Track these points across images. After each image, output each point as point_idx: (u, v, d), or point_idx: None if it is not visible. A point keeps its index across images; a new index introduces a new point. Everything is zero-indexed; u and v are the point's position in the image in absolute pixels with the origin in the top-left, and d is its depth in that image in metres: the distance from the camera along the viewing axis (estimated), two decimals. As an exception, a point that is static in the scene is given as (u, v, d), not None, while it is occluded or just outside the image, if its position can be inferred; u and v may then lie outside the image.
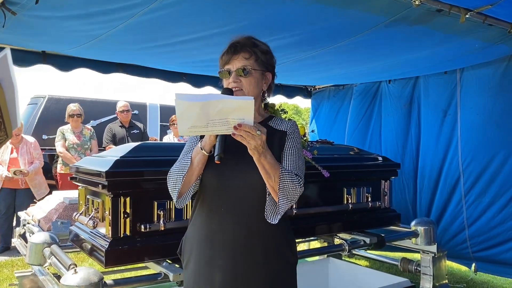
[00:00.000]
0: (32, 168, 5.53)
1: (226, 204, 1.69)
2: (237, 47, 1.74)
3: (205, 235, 1.72)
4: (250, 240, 1.69)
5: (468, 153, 4.28)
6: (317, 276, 3.80)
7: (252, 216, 1.69)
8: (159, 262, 2.43)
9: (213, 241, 1.69)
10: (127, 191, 2.37)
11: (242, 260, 1.67)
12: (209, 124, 1.48)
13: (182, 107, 1.45)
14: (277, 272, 1.73)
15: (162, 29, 3.15)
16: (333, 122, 5.88)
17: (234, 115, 1.47)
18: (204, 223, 1.73)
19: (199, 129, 1.50)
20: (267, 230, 1.69)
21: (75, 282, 2.03)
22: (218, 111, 1.46)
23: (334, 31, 3.21)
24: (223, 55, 1.76)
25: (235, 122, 1.48)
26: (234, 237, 1.68)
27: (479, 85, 4.23)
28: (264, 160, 1.57)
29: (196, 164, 1.67)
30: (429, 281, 3.42)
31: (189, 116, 1.47)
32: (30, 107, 7.46)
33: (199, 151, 1.65)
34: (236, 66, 1.72)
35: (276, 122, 1.83)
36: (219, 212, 1.70)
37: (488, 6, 2.71)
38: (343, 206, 3.31)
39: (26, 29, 3.16)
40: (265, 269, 1.70)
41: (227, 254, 1.67)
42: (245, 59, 1.73)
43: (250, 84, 1.72)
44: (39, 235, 2.67)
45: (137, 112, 7.83)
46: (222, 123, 1.48)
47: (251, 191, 1.69)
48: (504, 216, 4.05)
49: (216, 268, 1.67)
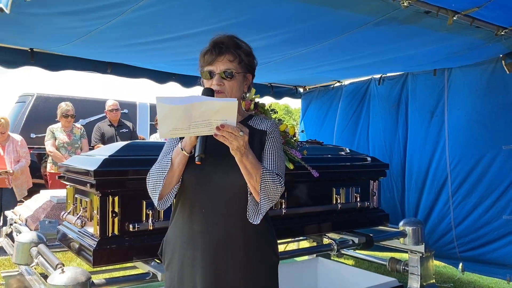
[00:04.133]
0: (18, 167, 5.46)
1: (207, 204, 1.69)
2: (221, 48, 1.70)
3: (187, 236, 1.70)
4: (231, 240, 1.68)
5: (456, 153, 4.32)
6: (306, 276, 3.82)
7: (233, 217, 1.69)
8: (148, 261, 2.42)
9: (195, 242, 1.68)
10: (115, 190, 2.37)
11: (224, 261, 1.67)
12: (191, 126, 1.48)
13: (165, 110, 1.44)
14: (258, 272, 1.73)
15: (152, 27, 3.15)
16: (322, 122, 5.90)
17: (217, 117, 1.47)
18: (185, 224, 1.72)
19: (181, 131, 1.50)
20: (248, 230, 1.69)
21: (62, 281, 2.02)
22: (201, 112, 1.45)
23: (323, 29, 3.24)
24: (206, 54, 1.73)
25: (218, 123, 1.48)
26: (215, 238, 1.67)
27: (467, 86, 4.27)
28: (246, 160, 1.57)
29: (177, 165, 1.65)
30: (417, 280, 3.45)
31: (171, 119, 1.46)
32: (18, 105, 7.38)
33: (179, 151, 1.64)
34: (220, 68, 1.70)
35: (256, 122, 1.82)
36: (200, 213, 1.69)
37: (475, 8, 2.75)
38: (332, 206, 3.33)
39: (14, 26, 3.14)
40: (246, 269, 1.70)
41: (209, 254, 1.67)
42: (229, 61, 1.71)
43: (233, 87, 1.72)
44: (26, 235, 2.65)
45: (127, 111, 7.79)
46: (204, 125, 1.48)
47: (232, 191, 1.68)
48: (491, 216, 4.09)
49: (198, 269, 1.67)
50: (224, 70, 1.69)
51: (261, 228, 1.72)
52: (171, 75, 4.97)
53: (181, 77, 5.03)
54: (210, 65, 1.71)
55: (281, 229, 2.88)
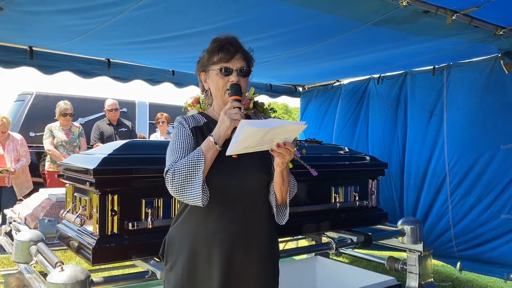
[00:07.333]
0: (19, 166, 5.47)
1: (226, 203, 1.68)
2: (236, 47, 1.75)
3: (201, 235, 1.69)
4: (247, 239, 1.71)
5: (454, 153, 4.33)
6: (305, 275, 3.83)
7: (249, 216, 1.72)
8: (147, 260, 2.42)
9: (210, 240, 1.68)
10: (114, 189, 2.36)
11: (240, 257, 1.69)
12: (259, 144, 1.53)
13: (249, 132, 1.47)
14: (269, 267, 1.78)
15: (151, 25, 3.15)
16: (321, 121, 5.91)
17: (283, 136, 1.54)
18: (199, 223, 1.70)
19: (248, 149, 1.55)
20: (263, 227, 1.76)
21: (61, 280, 2.02)
22: (275, 133, 1.51)
23: (323, 29, 3.25)
24: (220, 51, 1.74)
25: (280, 141, 1.55)
26: (232, 235, 1.68)
27: (466, 85, 4.28)
28: (285, 169, 1.67)
29: (210, 160, 1.62)
30: (415, 279, 3.46)
31: (250, 140, 1.50)
32: (17, 104, 7.37)
33: (212, 146, 1.62)
34: (236, 66, 1.73)
35: None
36: (218, 211, 1.68)
37: (474, 8, 2.76)
38: (331, 205, 3.33)
39: (13, 24, 3.14)
40: (260, 265, 1.74)
41: (226, 251, 1.67)
42: (242, 60, 1.76)
43: (246, 84, 1.78)
44: (25, 233, 2.65)
45: (126, 110, 7.79)
46: (269, 142, 1.55)
47: (251, 189, 1.72)
48: (489, 215, 4.10)
49: (215, 266, 1.66)
50: (240, 68, 1.74)
51: (271, 226, 1.81)
52: (165, 76, 5.04)
53: (175, 77, 5.12)
54: (226, 62, 1.73)
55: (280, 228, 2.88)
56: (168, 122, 6.52)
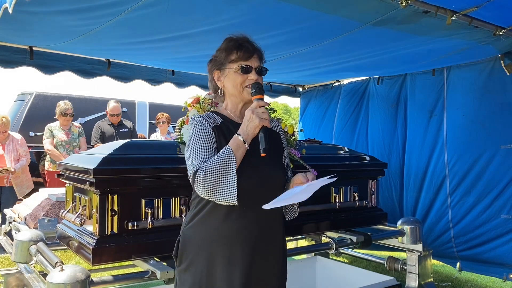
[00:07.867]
0: (19, 165, 5.47)
1: (247, 203, 1.68)
2: (253, 46, 1.78)
3: (222, 234, 1.69)
4: (267, 238, 1.75)
5: (454, 153, 4.33)
6: (305, 275, 3.83)
7: (268, 215, 1.73)
8: (147, 260, 2.42)
9: (232, 239, 1.69)
10: (114, 189, 2.36)
11: (260, 255, 1.71)
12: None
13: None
14: (284, 268, 1.85)
15: (152, 26, 3.15)
16: (321, 121, 5.91)
17: None
18: (221, 223, 1.69)
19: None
20: (280, 225, 1.83)
21: (61, 279, 2.02)
22: None
23: (323, 29, 3.24)
24: (239, 50, 1.76)
25: None
26: (253, 234, 1.70)
27: (465, 86, 4.29)
28: None
29: (239, 158, 1.64)
30: (415, 279, 3.46)
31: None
32: (17, 104, 7.37)
33: (241, 144, 1.63)
34: (255, 64, 1.77)
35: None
36: (239, 211, 1.68)
37: (473, 8, 2.76)
38: (331, 205, 3.33)
39: (13, 24, 3.14)
40: (277, 265, 1.79)
41: (248, 250, 1.69)
42: (259, 59, 1.79)
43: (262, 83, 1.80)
44: (25, 233, 2.65)
45: (126, 110, 7.79)
46: None
47: (272, 189, 1.73)
48: (489, 215, 4.11)
49: (237, 266, 1.67)
50: (258, 66, 1.77)
51: (283, 224, 1.86)
52: (166, 76, 5.04)
53: (176, 77, 5.12)
54: (246, 60, 1.76)
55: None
56: (168, 122, 6.52)
